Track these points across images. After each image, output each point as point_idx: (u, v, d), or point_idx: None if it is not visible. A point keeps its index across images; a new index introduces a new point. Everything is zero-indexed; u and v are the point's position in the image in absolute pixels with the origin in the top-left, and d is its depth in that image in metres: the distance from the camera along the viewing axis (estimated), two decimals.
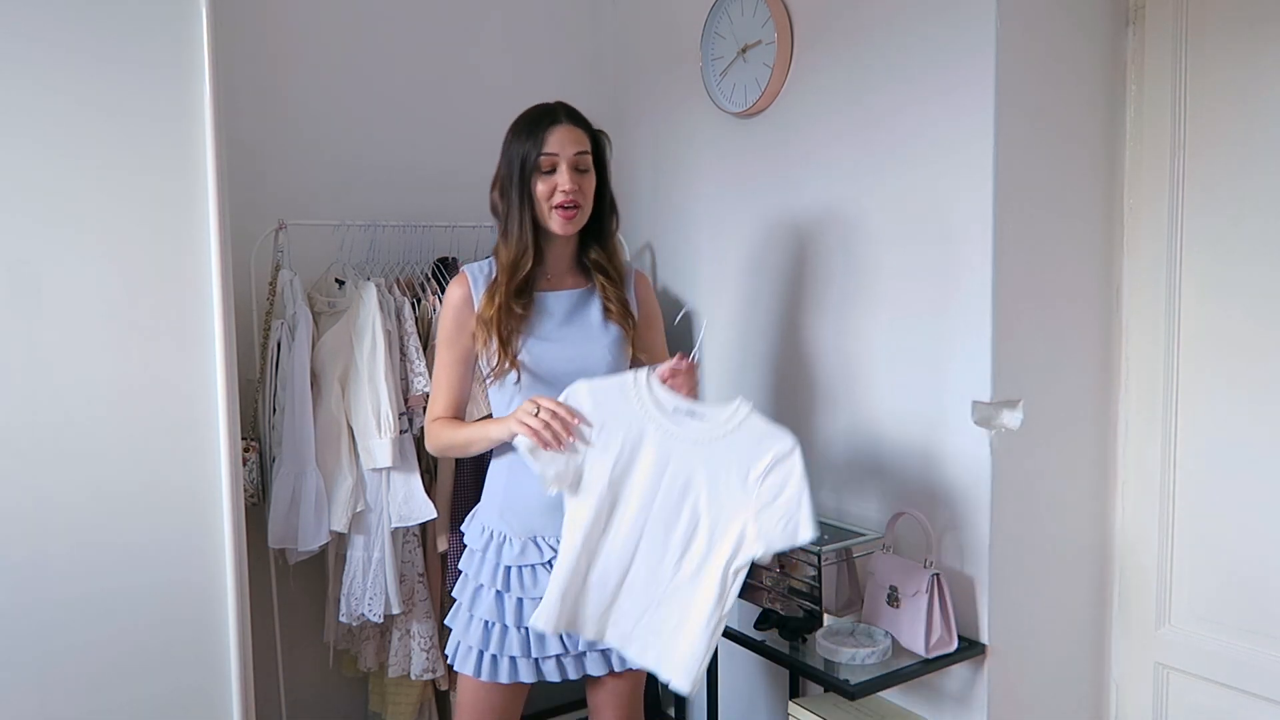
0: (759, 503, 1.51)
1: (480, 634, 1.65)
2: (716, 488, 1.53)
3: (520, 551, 1.65)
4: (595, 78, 2.84)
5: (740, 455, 1.53)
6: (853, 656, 1.71)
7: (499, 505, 1.70)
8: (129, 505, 1.72)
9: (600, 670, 1.68)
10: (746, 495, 1.52)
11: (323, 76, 2.46)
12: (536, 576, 1.64)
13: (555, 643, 1.64)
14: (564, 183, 1.61)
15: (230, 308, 1.78)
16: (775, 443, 1.52)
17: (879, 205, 1.94)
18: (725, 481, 1.53)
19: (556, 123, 1.63)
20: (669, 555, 1.55)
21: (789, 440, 1.51)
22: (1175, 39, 1.82)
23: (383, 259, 2.35)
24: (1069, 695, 1.97)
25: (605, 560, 1.56)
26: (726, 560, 1.52)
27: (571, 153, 1.62)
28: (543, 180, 1.62)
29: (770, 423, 1.54)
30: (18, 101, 1.60)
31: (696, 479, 1.54)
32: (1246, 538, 1.78)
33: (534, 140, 1.62)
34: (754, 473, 1.51)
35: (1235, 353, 1.77)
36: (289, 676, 2.39)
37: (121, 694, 1.73)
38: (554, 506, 1.63)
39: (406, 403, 2.18)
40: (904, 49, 1.87)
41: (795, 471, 1.50)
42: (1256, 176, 1.72)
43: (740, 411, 1.55)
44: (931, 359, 1.87)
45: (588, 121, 1.68)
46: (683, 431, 1.56)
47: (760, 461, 1.51)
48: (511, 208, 1.65)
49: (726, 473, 1.53)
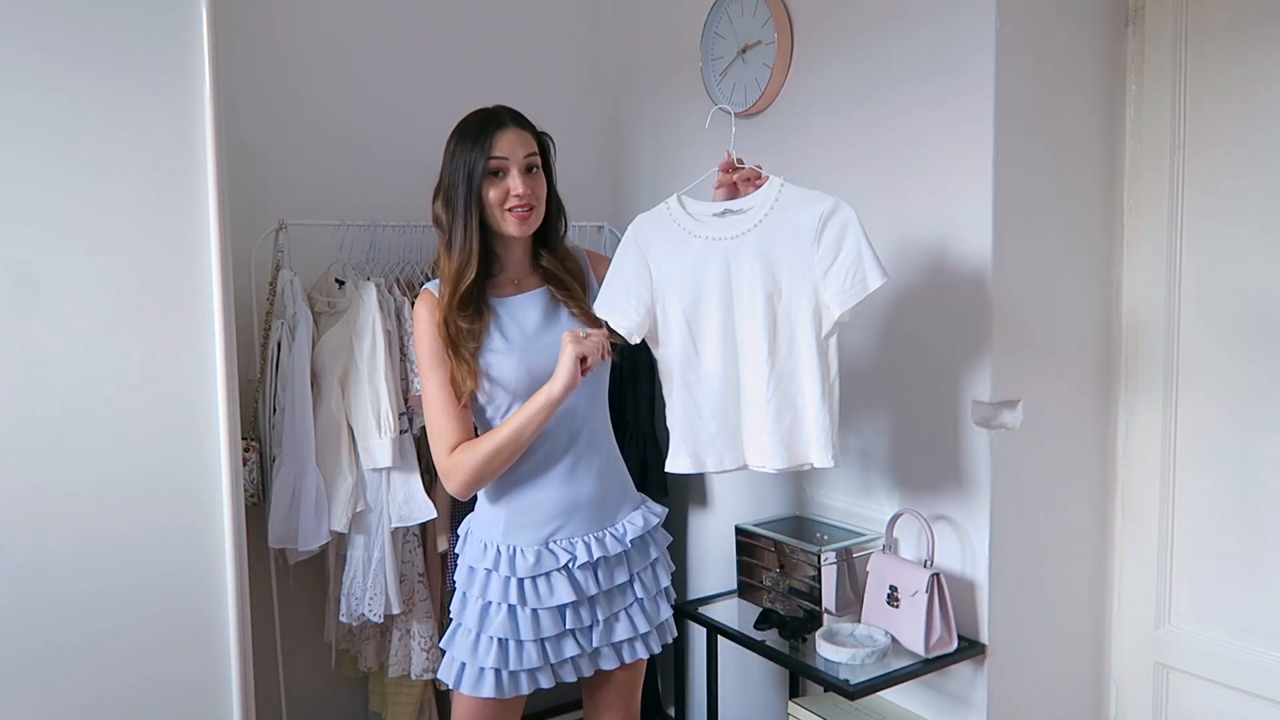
0: (821, 266, 1.53)
1: (495, 653, 1.60)
2: (777, 267, 1.56)
3: (535, 562, 1.61)
4: (595, 78, 2.84)
5: (788, 228, 1.55)
6: (853, 656, 1.71)
7: (503, 519, 1.65)
8: (129, 504, 1.72)
9: (613, 664, 1.69)
10: (807, 264, 1.54)
11: (323, 77, 2.46)
12: (552, 585, 1.61)
13: (572, 645, 1.64)
14: (516, 186, 1.58)
15: (230, 308, 1.78)
16: (817, 204, 1.54)
17: (879, 204, 1.94)
18: (783, 257, 1.55)
19: (502, 127, 1.59)
20: (760, 352, 1.58)
21: (829, 199, 1.54)
22: (1175, 39, 1.82)
23: (383, 259, 2.35)
24: (1069, 695, 1.97)
25: (709, 388, 1.61)
26: (813, 333, 1.55)
27: (520, 155, 1.59)
28: (493, 186, 1.59)
29: (808, 190, 1.56)
30: (17, 101, 1.61)
31: (755, 268, 1.57)
32: (1246, 538, 1.78)
33: (480, 146, 1.58)
34: (806, 239, 1.53)
35: (1235, 352, 1.77)
36: (289, 676, 2.39)
37: (121, 693, 1.73)
38: (565, 508, 1.64)
39: (406, 403, 2.18)
40: (904, 48, 1.87)
41: (848, 224, 1.52)
42: (1256, 177, 1.73)
43: (773, 187, 1.58)
44: (931, 359, 1.87)
45: (532, 124, 1.66)
46: (727, 230, 1.59)
47: (809, 227, 1.53)
48: (456, 217, 1.60)
49: (781, 249, 1.55)
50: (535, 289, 1.70)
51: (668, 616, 1.74)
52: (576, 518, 1.65)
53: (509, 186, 1.59)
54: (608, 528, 1.67)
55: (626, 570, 1.68)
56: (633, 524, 1.69)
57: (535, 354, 1.62)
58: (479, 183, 1.59)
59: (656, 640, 1.73)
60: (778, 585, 1.98)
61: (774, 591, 1.99)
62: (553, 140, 1.70)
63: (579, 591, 1.62)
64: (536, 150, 1.63)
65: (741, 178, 1.63)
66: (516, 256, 1.69)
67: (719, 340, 1.60)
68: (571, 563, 1.62)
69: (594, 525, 1.66)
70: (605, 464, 1.70)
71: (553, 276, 1.69)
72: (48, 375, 1.65)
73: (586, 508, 1.66)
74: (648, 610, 1.70)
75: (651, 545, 1.73)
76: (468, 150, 1.59)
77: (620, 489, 1.72)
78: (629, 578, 1.68)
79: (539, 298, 1.69)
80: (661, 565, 1.74)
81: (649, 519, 1.72)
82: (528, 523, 1.64)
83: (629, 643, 1.69)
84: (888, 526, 1.89)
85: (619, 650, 1.69)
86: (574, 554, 1.63)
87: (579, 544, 1.64)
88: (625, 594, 1.68)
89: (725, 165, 1.65)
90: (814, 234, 1.53)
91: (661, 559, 1.75)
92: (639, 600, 1.69)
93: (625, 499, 1.72)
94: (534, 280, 1.71)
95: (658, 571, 1.73)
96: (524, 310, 1.67)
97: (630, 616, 1.68)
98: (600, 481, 1.68)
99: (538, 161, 1.63)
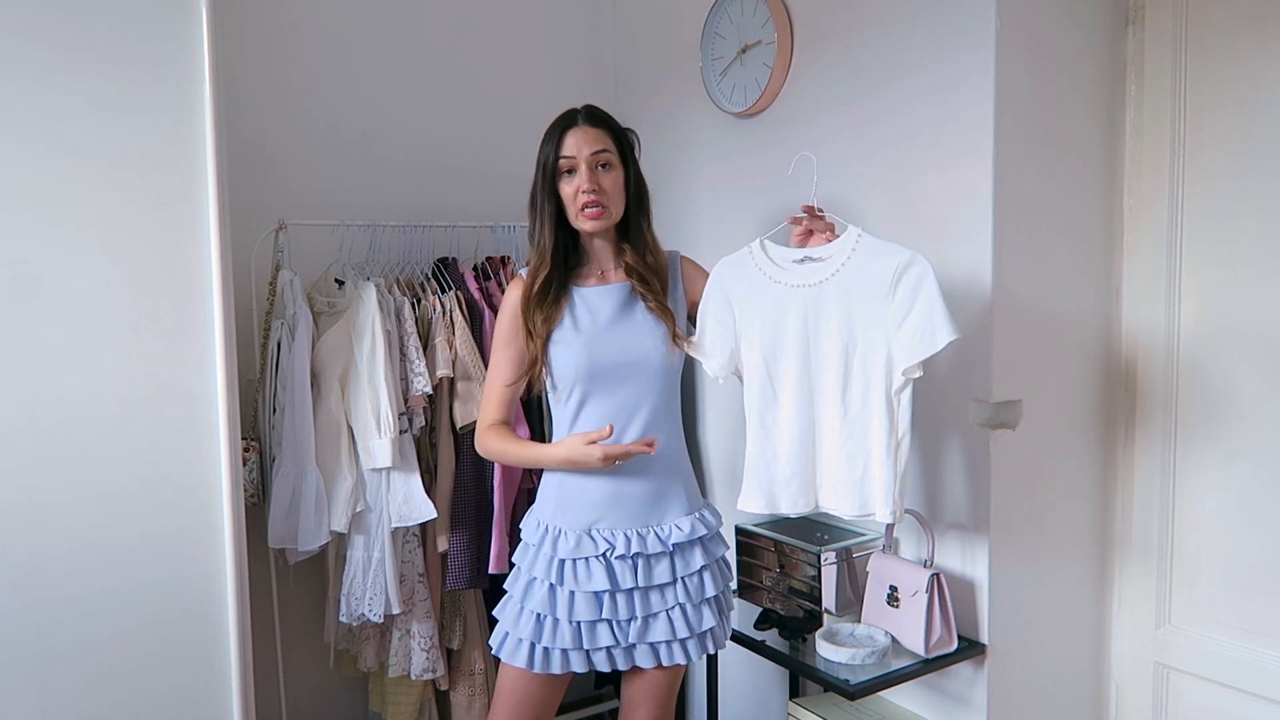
0: (895, 319, 1.55)
1: (532, 627, 1.68)
2: (853, 317, 1.59)
3: (575, 545, 1.68)
4: (595, 78, 2.84)
5: (865, 279, 1.58)
6: (853, 656, 1.71)
7: (554, 501, 1.73)
8: (129, 505, 1.72)
9: (649, 663, 1.70)
10: (881, 315, 1.56)
11: (323, 76, 2.46)
12: (590, 570, 1.66)
13: (606, 634, 1.66)
14: (583, 183, 1.66)
15: (230, 308, 1.78)
16: (893, 257, 1.56)
17: (879, 205, 1.94)
18: (859, 308, 1.59)
19: (572, 126, 1.69)
20: (833, 400, 1.61)
21: (905, 252, 1.56)
22: (1175, 39, 1.82)
23: (383, 259, 2.35)
24: (1069, 695, 1.97)
25: (786, 431, 1.65)
26: (884, 386, 1.57)
27: (588, 153, 1.67)
28: (566, 183, 1.69)
29: (885, 241, 1.59)
30: (17, 101, 1.60)
31: (833, 316, 1.61)
32: (1247, 538, 1.78)
33: (553, 145, 1.69)
34: (881, 291, 1.56)
35: (1235, 354, 1.77)
36: (289, 676, 2.39)
37: (121, 694, 1.73)
38: (609, 499, 1.69)
39: (406, 403, 2.18)
40: (904, 48, 1.87)
41: (923, 278, 1.54)
42: (1256, 176, 1.73)
43: (851, 237, 1.61)
44: (931, 358, 1.86)
45: (610, 121, 1.73)
46: (807, 277, 1.64)
47: (884, 279, 1.56)
48: (536, 213, 1.73)
49: (857, 299, 1.59)
50: (618, 282, 1.75)
51: (712, 626, 1.72)
52: (621, 509, 1.69)
53: (578, 184, 1.67)
54: (653, 525, 1.69)
55: (670, 571, 1.68)
56: (679, 528, 1.70)
57: (602, 343, 1.70)
58: (552, 180, 1.69)
59: (697, 648, 1.71)
60: (778, 585, 1.98)
61: (774, 591, 1.99)
62: (637, 136, 1.77)
63: (614, 582, 1.66)
64: (610, 147, 1.69)
65: (819, 228, 1.68)
66: (599, 250, 1.77)
67: (796, 385, 1.64)
68: (609, 552, 1.67)
69: (638, 520, 1.69)
70: (664, 463, 1.72)
71: (634, 271, 1.74)
72: (46, 374, 1.65)
73: (633, 501, 1.69)
74: (689, 616, 1.69)
75: (700, 553, 1.72)
76: (544, 149, 1.71)
77: (676, 490, 1.73)
78: (672, 579, 1.69)
79: (619, 291, 1.74)
80: (710, 574, 1.73)
81: (698, 527, 1.72)
82: (574, 506, 1.70)
83: (666, 645, 1.69)
84: (887, 526, 1.89)
85: (656, 650, 1.69)
86: (613, 544, 1.67)
87: (619, 536, 1.68)
88: (666, 595, 1.69)
89: (808, 210, 1.68)
90: (889, 286, 1.55)
91: (711, 568, 1.74)
92: (680, 605, 1.68)
93: (679, 501, 1.73)
94: (619, 274, 1.77)
95: (704, 579, 1.72)
96: (601, 301, 1.74)
97: (670, 619, 1.68)
98: (653, 479, 1.70)
99: (610, 159, 1.70)
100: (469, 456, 2.26)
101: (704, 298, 1.74)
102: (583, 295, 1.74)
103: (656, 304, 1.72)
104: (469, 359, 2.23)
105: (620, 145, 1.72)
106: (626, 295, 1.74)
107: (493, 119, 2.66)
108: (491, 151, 2.65)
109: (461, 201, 2.56)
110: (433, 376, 2.18)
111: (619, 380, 1.69)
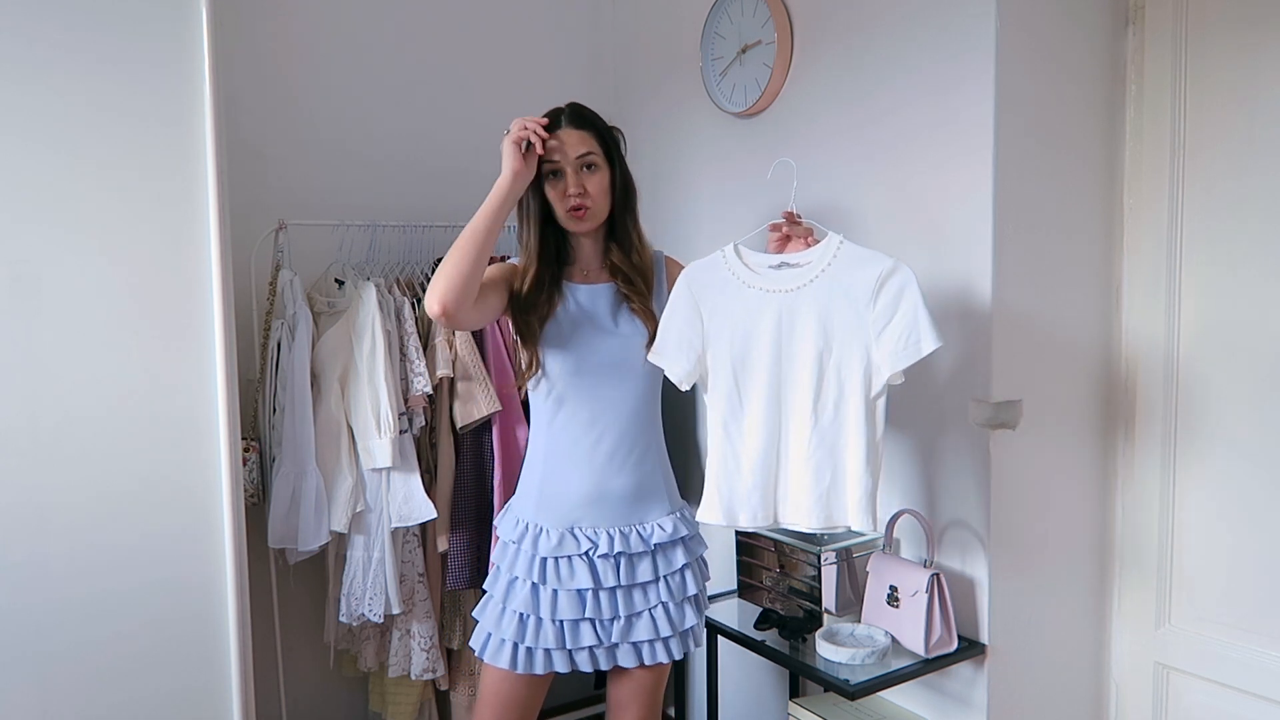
0: (876, 326, 1.53)
1: (515, 627, 1.67)
2: (831, 324, 1.56)
3: (558, 543, 1.67)
4: (595, 78, 2.84)
5: (845, 286, 1.55)
6: (853, 656, 1.71)
7: (535, 498, 1.72)
8: (129, 505, 1.72)
9: (631, 662, 1.70)
10: (861, 323, 1.54)
11: (323, 77, 2.46)
12: (573, 568, 1.66)
13: (590, 633, 1.66)
14: (570, 186, 1.66)
15: (230, 308, 1.78)
16: (875, 265, 1.53)
17: (879, 205, 1.94)
18: (838, 315, 1.55)
19: (556, 128, 1.66)
20: (803, 407, 1.57)
21: (888, 260, 1.53)
22: (1175, 39, 1.82)
23: (383, 259, 2.35)
24: (1069, 695, 1.97)
25: (749, 440, 1.60)
26: (862, 393, 1.54)
27: (573, 155, 1.65)
28: (552, 186, 1.67)
29: (866, 249, 1.56)
30: (17, 101, 1.61)
31: (809, 323, 1.57)
32: (1246, 538, 1.78)
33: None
34: (862, 298, 1.53)
35: (1235, 352, 1.77)
36: (289, 676, 2.39)
37: (122, 694, 1.73)
38: (591, 498, 1.68)
39: (406, 403, 2.18)
40: (904, 48, 1.87)
41: (905, 286, 1.51)
42: (1256, 176, 1.72)
43: (832, 243, 1.58)
44: (931, 357, 1.86)
45: (595, 120, 1.71)
46: (784, 282, 1.59)
47: (866, 286, 1.53)
48: (523, 216, 1.72)
49: (836, 306, 1.55)
50: (603, 283, 1.75)
51: (693, 624, 1.74)
52: (603, 508, 1.69)
53: (565, 187, 1.66)
54: (635, 524, 1.70)
55: (652, 570, 1.69)
56: (661, 528, 1.71)
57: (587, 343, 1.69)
58: (540, 183, 1.67)
59: (679, 646, 1.73)
60: (778, 585, 1.98)
61: (774, 591, 1.99)
62: (623, 134, 1.75)
63: (597, 580, 1.66)
64: (595, 149, 1.68)
65: (798, 234, 1.66)
66: (586, 250, 1.76)
67: (765, 392, 1.60)
68: (592, 550, 1.66)
69: (620, 519, 1.69)
70: (645, 463, 1.72)
71: (619, 270, 1.74)
72: (46, 374, 1.65)
73: (615, 500, 1.69)
74: (672, 615, 1.70)
75: (681, 551, 1.73)
76: None
77: (657, 490, 1.74)
78: (654, 578, 1.69)
79: (606, 291, 1.74)
80: (691, 572, 1.75)
81: (680, 527, 1.74)
82: (556, 505, 1.70)
83: (649, 644, 1.70)
84: (887, 526, 1.89)
85: (639, 650, 1.70)
86: (596, 543, 1.67)
87: (602, 534, 1.68)
88: (648, 594, 1.70)
89: (787, 216, 1.67)
90: (871, 294, 1.53)
91: (692, 566, 1.75)
92: (663, 603, 1.70)
93: (660, 502, 1.74)
94: (603, 275, 1.76)
95: (686, 578, 1.73)
96: (589, 300, 1.73)
97: (653, 618, 1.69)
98: (635, 478, 1.71)
99: (595, 159, 1.68)
100: (469, 457, 2.26)
101: (669, 303, 1.66)
102: (574, 290, 1.74)
103: (640, 306, 1.72)
104: (469, 359, 2.23)
105: (605, 145, 1.70)
106: (613, 296, 1.74)
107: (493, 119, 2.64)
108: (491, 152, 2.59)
109: (461, 201, 2.54)
110: (433, 376, 2.18)
111: (601, 380, 1.69)
